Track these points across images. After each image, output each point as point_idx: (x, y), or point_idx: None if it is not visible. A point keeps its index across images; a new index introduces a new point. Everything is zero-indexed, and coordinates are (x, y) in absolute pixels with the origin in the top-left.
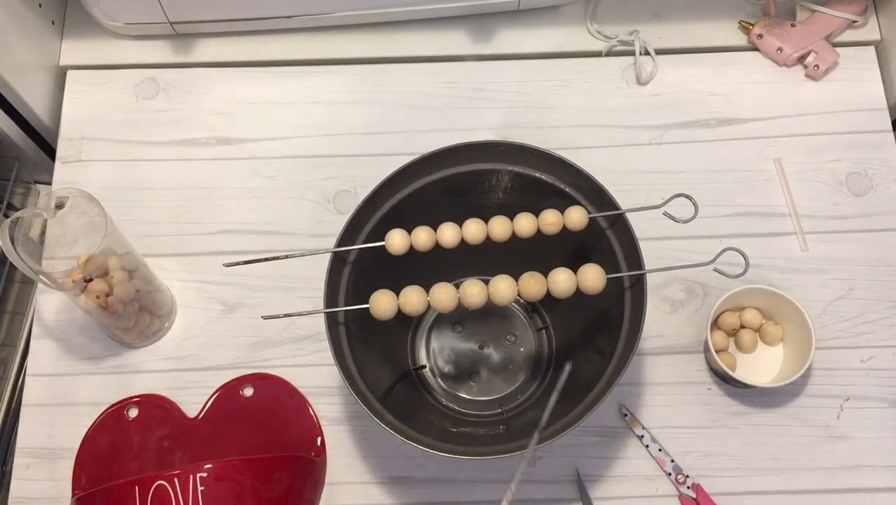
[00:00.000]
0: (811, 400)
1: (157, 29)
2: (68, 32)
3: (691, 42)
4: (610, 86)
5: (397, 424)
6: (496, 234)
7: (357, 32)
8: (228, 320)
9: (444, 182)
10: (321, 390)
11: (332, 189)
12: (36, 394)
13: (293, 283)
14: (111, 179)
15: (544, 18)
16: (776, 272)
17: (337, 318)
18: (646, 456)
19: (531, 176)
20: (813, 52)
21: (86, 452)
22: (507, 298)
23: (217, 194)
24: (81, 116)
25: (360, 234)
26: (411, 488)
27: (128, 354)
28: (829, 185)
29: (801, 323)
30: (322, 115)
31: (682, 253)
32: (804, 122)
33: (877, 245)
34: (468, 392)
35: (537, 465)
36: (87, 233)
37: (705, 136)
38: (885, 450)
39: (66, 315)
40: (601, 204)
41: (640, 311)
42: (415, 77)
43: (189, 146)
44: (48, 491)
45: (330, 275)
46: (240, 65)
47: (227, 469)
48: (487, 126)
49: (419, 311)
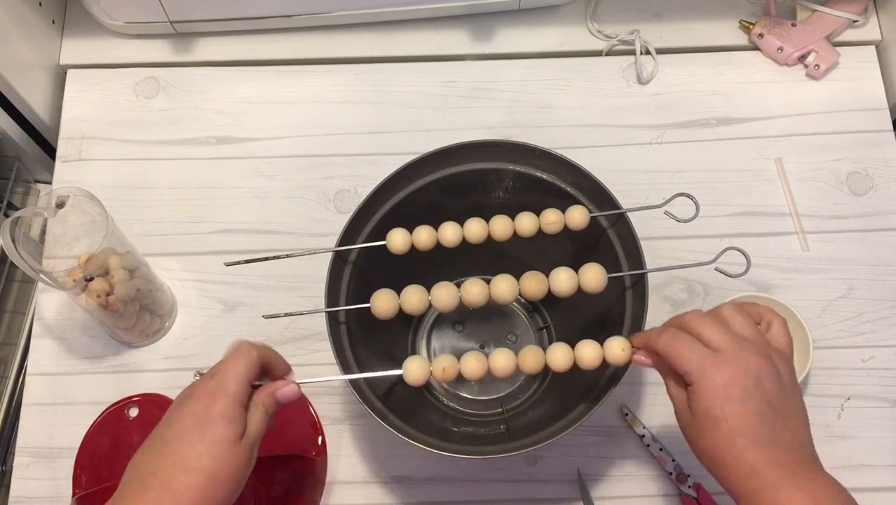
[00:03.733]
0: (812, 400)
1: (157, 28)
2: (68, 31)
3: (692, 41)
4: (610, 85)
5: (398, 423)
6: (497, 233)
7: (357, 32)
8: (229, 320)
9: (444, 181)
10: (321, 390)
11: (333, 188)
12: (36, 393)
13: (294, 282)
14: (111, 178)
15: (545, 18)
16: (777, 272)
17: (338, 317)
18: (647, 456)
19: (532, 175)
20: (813, 51)
21: (86, 452)
22: (509, 298)
23: (217, 193)
24: (82, 115)
25: (361, 233)
26: (411, 488)
27: (128, 353)
28: (829, 185)
29: (797, 329)
30: (322, 115)
31: (683, 252)
32: (805, 122)
33: (877, 245)
34: (469, 391)
35: (538, 464)
36: (88, 232)
37: (706, 135)
38: (886, 449)
39: (66, 314)
40: (602, 203)
41: (641, 310)
42: (415, 77)
43: (189, 145)
44: (48, 490)
45: (331, 274)
46: (240, 64)
47: None
48: (488, 125)
49: (420, 310)
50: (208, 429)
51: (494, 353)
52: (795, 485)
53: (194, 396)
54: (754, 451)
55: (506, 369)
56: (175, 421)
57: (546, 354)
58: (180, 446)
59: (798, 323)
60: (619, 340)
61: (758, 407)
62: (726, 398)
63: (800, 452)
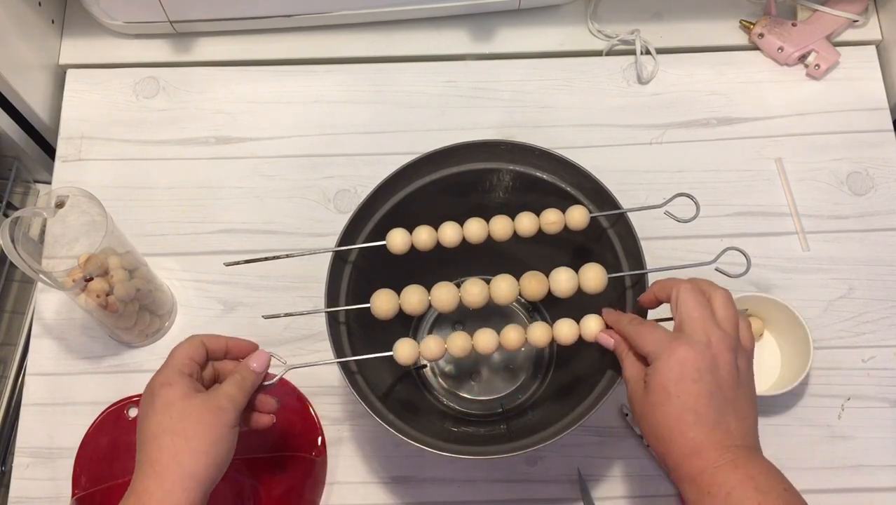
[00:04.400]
0: (812, 400)
1: (157, 28)
2: (68, 31)
3: (692, 41)
4: (610, 85)
5: (398, 423)
6: (497, 233)
7: (357, 31)
8: (229, 320)
9: (444, 181)
10: (321, 390)
11: (333, 188)
12: (36, 393)
13: (293, 282)
14: (111, 178)
15: (545, 17)
16: (777, 272)
17: (338, 317)
18: (647, 456)
19: (532, 175)
20: (814, 51)
21: (86, 452)
22: (509, 298)
23: (217, 193)
24: (81, 115)
25: (360, 233)
26: (411, 488)
27: (128, 353)
28: (829, 185)
29: (798, 328)
30: (322, 115)
31: (684, 252)
32: (805, 122)
33: (877, 244)
34: (469, 392)
35: (538, 464)
36: (88, 232)
37: (706, 135)
38: (887, 450)
39: (66, 314)
40: (602, 203)
41: (641, 310)
42: (415, 76)
43: (189, 145)
44: (48, 490)
45: (331, 274)
46: (240, 64)
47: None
48: (488, 125)
49: (420, 310)
50: (156, 399)
51: (478, 331)
52: (734, 465)
53: (147, 387)
54: (700, 429)
55: (488, 345)
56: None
57: (527, 331)
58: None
59: (798, 323)
60: (594, 317)
61: (709, 388)
62: (680, 375)
63: (743, 440)
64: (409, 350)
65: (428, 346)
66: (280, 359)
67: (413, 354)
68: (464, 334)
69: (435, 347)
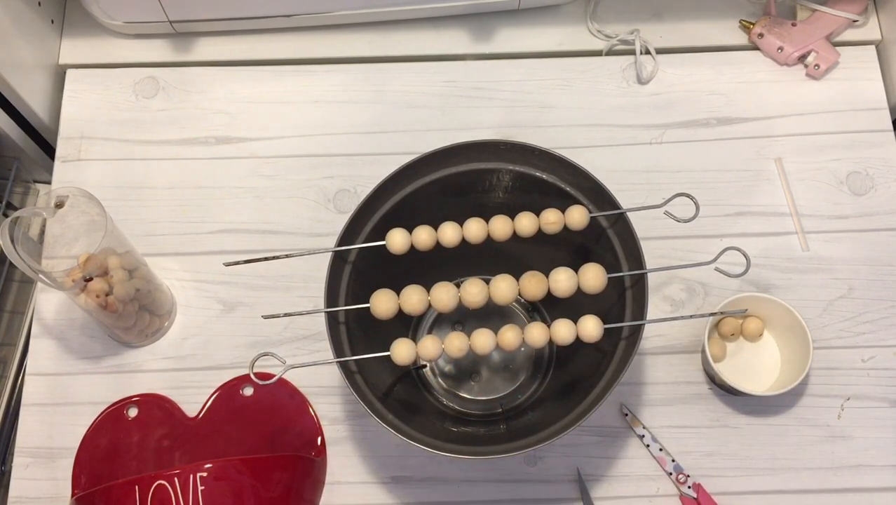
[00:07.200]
0: (812, 400)
1: (156, 28)
2: (68, 31)
3: (692, 41)
4: (610, 85)
5: (398, 423)
6: (497, 233)
7: (357, 31)
8: (228, 320)
9: (444, 181)
10: (321, 390)
11: (332, 188)
12: (35, 393)
13: (293, 282)
14: (111, 178)
15: (544, 17)
16: (777, 272)
17: (337, 317)
18: (646, 456)
19: (532, 175)
20: (813, 51)
21: (85, 452)
22: (508, 298)
23: (217, 193)
24: (81, 115)
25: (360, 233)
26: (411, 488)
27: (127, 353)
28: (829, 185)
29: (797, 328)
30: (322, 115)
31: (683, 252)
32: (805, 122)
33: (877, 245)
34: (469, 392)
35: (538, 464)
36: (87, 232)
37: (706, 135)
38: (886, 450)
39: (65, 314)
40: (602, 203)
41: (641, 310)
42: (415, 76)
43: (189, 145)
44: (48, 490)
45: (330, 274)
46: (239, 64)
47: (227, 469)
48: (488, 125)
49: (420, 310)
50: None
51: (475, 332)
52: None
53: None
54: None
55: (485, 345)
56: None
57: (524, 331)
58: None
59: (798, 323)
60: (592, 318)
61: None
62: None
63: None
64: (407, 350)
65: (425, 346)
66: (280, 359)
67: (410, 354)
68: (461, 335)
69: (432, 347)
